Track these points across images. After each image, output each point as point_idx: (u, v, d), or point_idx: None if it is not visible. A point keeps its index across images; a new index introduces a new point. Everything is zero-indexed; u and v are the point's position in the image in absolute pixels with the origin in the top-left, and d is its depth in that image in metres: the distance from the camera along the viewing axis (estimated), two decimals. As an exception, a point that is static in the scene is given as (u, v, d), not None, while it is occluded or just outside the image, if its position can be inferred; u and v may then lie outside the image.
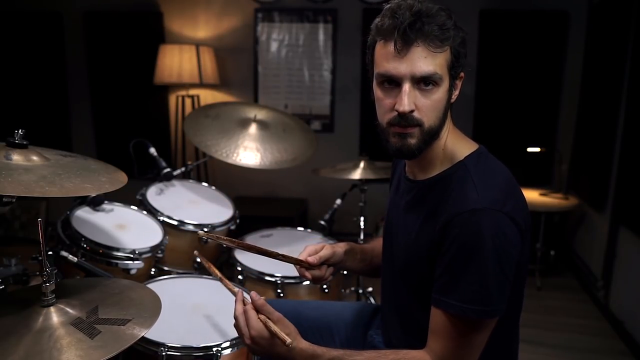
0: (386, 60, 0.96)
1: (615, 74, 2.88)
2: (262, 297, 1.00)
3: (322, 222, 2.09)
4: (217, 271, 1.21)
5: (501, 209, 0.92)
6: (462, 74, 1.03)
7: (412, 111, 0.96)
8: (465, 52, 1.00)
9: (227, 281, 1.17)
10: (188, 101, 3.81)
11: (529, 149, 3.41)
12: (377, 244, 1.36)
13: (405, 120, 0.97)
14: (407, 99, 0.95)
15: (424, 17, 0.93)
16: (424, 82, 0.95)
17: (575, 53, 3.54)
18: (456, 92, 1.04)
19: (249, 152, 2.00)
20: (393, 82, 0.97)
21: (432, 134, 1.00)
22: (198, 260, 1.87)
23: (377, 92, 1.01)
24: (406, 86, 0.95)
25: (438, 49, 0.94)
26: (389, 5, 0.98)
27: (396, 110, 0.97)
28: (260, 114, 2.16)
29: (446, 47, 0.96)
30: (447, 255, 0.95)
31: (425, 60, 0.94)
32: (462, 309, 0.93)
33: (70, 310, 0.91)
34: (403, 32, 0.93)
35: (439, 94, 0.97)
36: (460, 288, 0.93)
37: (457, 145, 1.05)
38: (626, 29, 2.78)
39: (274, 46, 3.92)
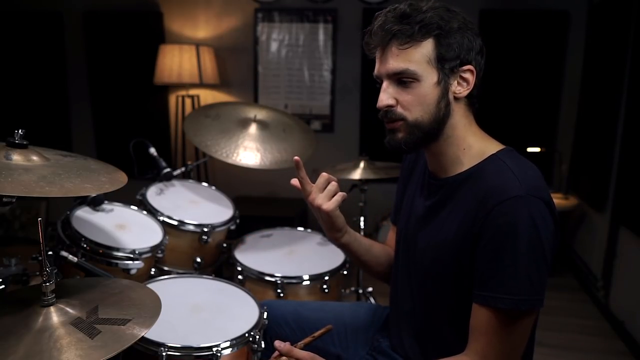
0: (376, 64, 1.06)
1: (616, 74, 2.88)
2: (286, 344, 1.00)
3: (322, 222, 2.09)
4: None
5: (543, 197, 0.92)
6: (468, 67, 1.00)
7: (389, 106, 1.02)
8: (464, 43, 0.99)
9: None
10: (188, 101, 3.81)
11: (529, 149, 3.40)
12: (376, 245, 1.36)
13: (386, 115, 1.03)
14: (383, 95, 1.02)
15: (391, 18, 0.99)
16: (401, 78, 1.00)
17: (575, 53, 3.54)
18: (466, 86, 1.01)
19: (249, 152, 2.00)
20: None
21: (422, 128, 1.01)
22: (198, 260, 1.88)
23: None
24: (384, 84, 1.03)
25: (406, 45, 0.98)
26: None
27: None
28: (260, 114, 2.16)
29: (420, 41, 0.97)
30: (489, 247, 0.94)
31: (396, 59, 0.99)
32: (513, 301, 0.91)
33: (70, 310, 0.90)
34: (373, 37, 1.01)
35: (422, 88, 0.99)
36: (506, 278, 0.91)
37: (484, 143, 1.06)
38: (626, 29, 2.78)
39: (274, 46, 3.91)
